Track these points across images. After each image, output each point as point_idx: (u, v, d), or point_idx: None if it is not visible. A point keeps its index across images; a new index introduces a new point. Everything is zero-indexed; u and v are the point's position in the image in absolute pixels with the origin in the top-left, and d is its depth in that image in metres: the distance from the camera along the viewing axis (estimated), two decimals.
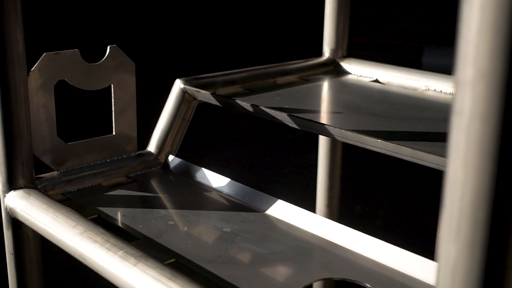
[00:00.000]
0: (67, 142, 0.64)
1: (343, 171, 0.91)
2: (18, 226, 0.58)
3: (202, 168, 0.66)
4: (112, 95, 0.66)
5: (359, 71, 0.81)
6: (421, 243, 1.38)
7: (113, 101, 0.66)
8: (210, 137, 2.51)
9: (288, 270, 0.49)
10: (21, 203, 0.56)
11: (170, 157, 0.70)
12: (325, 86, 0.79)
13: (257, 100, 0.68)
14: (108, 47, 0.65)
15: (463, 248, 0.24)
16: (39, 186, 0.60)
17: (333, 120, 0.63)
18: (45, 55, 0.60)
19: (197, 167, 0.67)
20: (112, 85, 0.66)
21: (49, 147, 0.62)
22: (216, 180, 0.65)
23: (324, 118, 0.64)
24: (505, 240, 0.24)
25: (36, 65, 0.60)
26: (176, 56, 3.61)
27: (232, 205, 0.61)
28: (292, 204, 0.58)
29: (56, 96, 0.62)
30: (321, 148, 0.88)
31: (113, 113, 0.66)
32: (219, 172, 0.65)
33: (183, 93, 0.70)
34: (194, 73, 0.74)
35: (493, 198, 0.23)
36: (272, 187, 1.99)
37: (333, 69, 0.83)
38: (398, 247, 0.50)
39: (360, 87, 0.76)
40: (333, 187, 0.90)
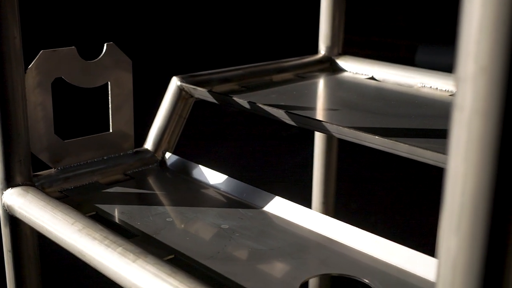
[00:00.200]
0: (64, 139, 0.64)
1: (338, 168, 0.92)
2: (16, 223, 0.58)
3: (199, 165, 0.67)
4: (109, 92, 0.66)
5: (355, 69, 0.82)
6: (417, 239, 1.38)
7: (110, 98, 0.66)
8: (204, 135, 2.51)
9: (286, 266, 0.50)
10: (19, 201, 0.56)
11: (167, 155, 0.70)
12: (321, 84, 0.79)
13: (254, 97, 0.68)
14: (105, 45, 0.65)
15: (464, 241, 0.24)
16: (36, 184, 0.60)
17: (330, 117, 0.63)
18: (42, 52, 0.60)
19: (194, 164, 0.67)
20: (109, 83, 0.66)
21: (46, 144, 0.62)
22: (214, 177, 0.65)
23: (321, 115, 0.64)
24: (505, 234, 0.24)
25: (33, 63, 0.60)
26: (173, 54, 3.61)
27: (230, 202, 0.61)
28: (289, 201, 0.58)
29: (53, 94, 0.62)
30: (317, 146, 0.88)
31: (110, 110, 0.67)
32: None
33: (180, 90, 0.70)
34: (190, 71, 0.74)
35: (493, 193, 0.23)
36: (267, 185, 2.00)
37: (329, 67, 0.83)
38: (395, 242, 0.51)
39: (356, 84, 0.77)
40: (329, 184, 0.90)
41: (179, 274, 0.42)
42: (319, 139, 0.88)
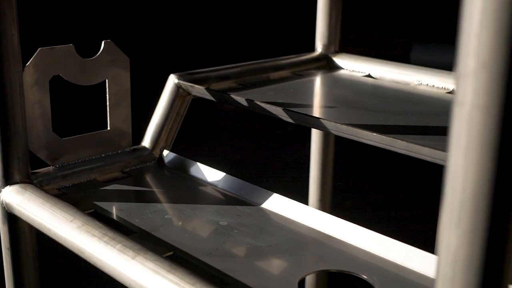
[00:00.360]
0: (62, 137, 0.64)
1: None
2: (14, 221, 0.58)
3: (197, 163, 0.67)
4: (107, 90, 0.66)
5: (352, 66, 0.82)
6: (412, 235, 1.39)
7: (108, 96, 0.66)
8: (199, 134, 2.51)
9: (284, 263, 0.50)
10: (17, 198, 0.56)
11: (165, 152, 0.70)
12: (318, 81, 0.79)
13: (251, 95, 0.68)
14: (103, 42, 0.65)
15: (464, 237, 0.25)
16: (34, 181, 0.60)
17: (327, 115, 0.63)
18: (40, 50, 0.60)
19: (192, 161, 0.67)
20: (107, 80, 0.66)
21: (44, 142, 0.62)
22: (211, 174, 0.65)
23: (319, 113, 0.64)
24: (505, 230, 0.24)
25: (31, 60, 0.60)
26: (170, 51, 3.61)
27: (228, 199, 0.61)
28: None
29: (51, 92, 0.62)
30: (314, 143, 0.89)
31: (107, 108, 0.67)
32: None
33: (177, 88, 0.70)
34: (188, 68, 0.74)
35: (494, 188, 0.24)
36: (264, 183, 2.00)
37: (326, 64, 0.84)
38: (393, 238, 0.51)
39: (353, 82, 0.77)
40: (325, 182, 0.90)
41: (178, 270, 0.42)
42: (316, 137, 0.88)
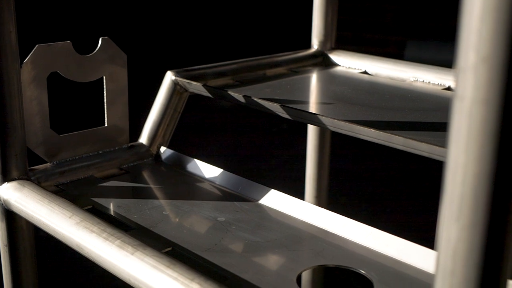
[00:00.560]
0: (59, 134, 0.64)
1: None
2: (12, 217, 0.58)
3: (194, 159, 0.67)
4: (104, 87, 0.66)
5: (348, 63, 0.82)
6: (409, 232, 1.39)
7: (105, 93, 0.66)
8: (193, 131, 2.51)
9: (283, 258, 0.50)
10: (15, 195, 0.56)
11: (162, 149, 0.70)
12: (315, 78, 0.79)
13: (248, 92, 0.68)
14: (100, 39, 0.65)
15: (464, 230, 0.25)
16: (32, 178, 0.60)
17: (325, 111, 0.63)
18: (38, 47, 0.60)
19: (189, 158, 0.67)
20: (104, 77, 0.66)
21: (42, 139, 0.62)
22: (209, 170, 0.65)
23: (316, 109, 0.65)
24: (505, 223, 0.25)
25: (28, 57, 0.60)
26: (167, 48, 3.60)
27: (225, 195, 0.61)
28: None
29: (49, 88, 0.62)
30: (310, 140, 0.89)
31: (105, 105, 0.67)
32: None
33: (174, 84, 0.70)
34: (185, 65, 0.74)
35: (493, 182, 0.24)
36: (260, 180, 2.00)
37: (322, 61, 0.84)
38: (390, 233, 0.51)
39: (349, 79, 0.77)
40: (321, 178, 0.91)
41: (177, 266, 0.43)
42: (312, 133, 0.89)
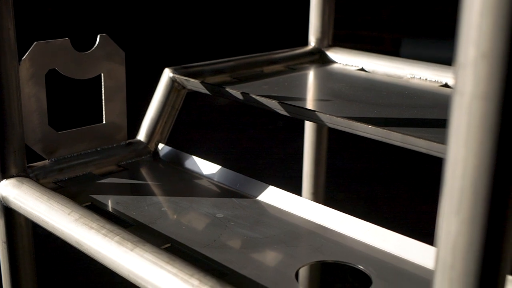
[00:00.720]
0: (58, 131, 0.64)
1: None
2: (10, 214, 0.58)
3: (192, 156, 0.67)
4: (102, 84, 0.66)
5: (345, 60, 0.82)
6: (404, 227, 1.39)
7: (103, 90, 0.66)
8: (188, 129, 2.51)
9: (281, 254, 0.50)
10: (14, 192, 0.56)
11: (160, 146, 0.70)
12: (312, 75, 0.80)
13: (246, 89, 0.68)
14: (98, 36, 0.65)
15: (463, 224, 0.25)
16: (31, 175, 0.60)
17: (322, 107, 0.63)
18: (36, 44, 0.60)
19: (187, 155, 0.68)
20: (102, 74, 0.66)
21: (40, 136, 0.62)
22: (207, 167, 0.65)
23: (313, 106, 0.65)
24: (504, 217, 0.25)
25: (27, 54, 0.60)
26: (165, 46, 3.60)
27: (224, 192, 0.61)
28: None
29: (47, 85, 0.62)
30: (307, 137, 0.89)
31: (103, 102, 0.67)
32: None
33: (172, 82, 0.70)
34: (182, 62, 0.74)
35: (493, 176, 0.24)
36: (256, 178, 2.00)
37: (319, 58, 0.84)
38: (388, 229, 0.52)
39: (346, 76, 0.77)
40: (318, 176, 0.91)
41: (177, 261, 0.43)
42: (309, 131, 0.89)
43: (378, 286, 0.46)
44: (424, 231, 1.66)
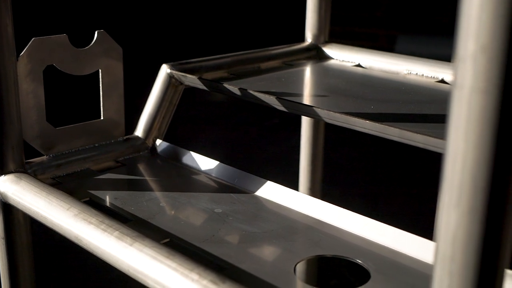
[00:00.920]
0: (56, 127, 0.64)
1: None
2: (9, 210, 0.58)
3: (190, 152, 0.67)
4: (100, 80, 0.66)
5: (341, 56, 0.83)
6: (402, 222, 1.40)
7: (101, 86, 0.67)
8: (185, 125, 2.51)
9: (280, 248, 0.50)
10: (12, 187, 0.56)
11: (158, 141, 0.70)
12: (309, 71, 0.80)
13: (243, 85, 0.68)
14: (96, 32, 0.65)
15: (463, 216, 0.25)
16: (29, 171, 0.61)
17: (320, 103, 0.64)
18: (34, 40, 0.61)
19: (185, 150, 0.68)
20: (100, 70, 0.66)
21: (38, 132, 0.63)
22: (205, 163, 0.65)
23: (310, 101, 0.65)
24: (504, 209, 0.25)
25: (24, 50, 0.60)
26: (163, 42, 3.60)
27: (222, 187, 0.62)
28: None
29: (45, 81, 0.62)
30: (304, 132, 0.89)
31: (100, 98, 0.67)
32: None
33: (170, 78, 0.70)
34: (180, 58, 0.74)
35: (492, 169, 0.24)
36: (253, 172, 2.00)
37: (316, 54, 0.84)
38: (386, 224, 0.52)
39: (343, 72, 0.78)
40: (315, 171, 0.91)
41: (177, 256, 0.43)
42: (305, 126, 0.89)
43: (376, 280, 0.46)
44: (423, 225, 1.66)
